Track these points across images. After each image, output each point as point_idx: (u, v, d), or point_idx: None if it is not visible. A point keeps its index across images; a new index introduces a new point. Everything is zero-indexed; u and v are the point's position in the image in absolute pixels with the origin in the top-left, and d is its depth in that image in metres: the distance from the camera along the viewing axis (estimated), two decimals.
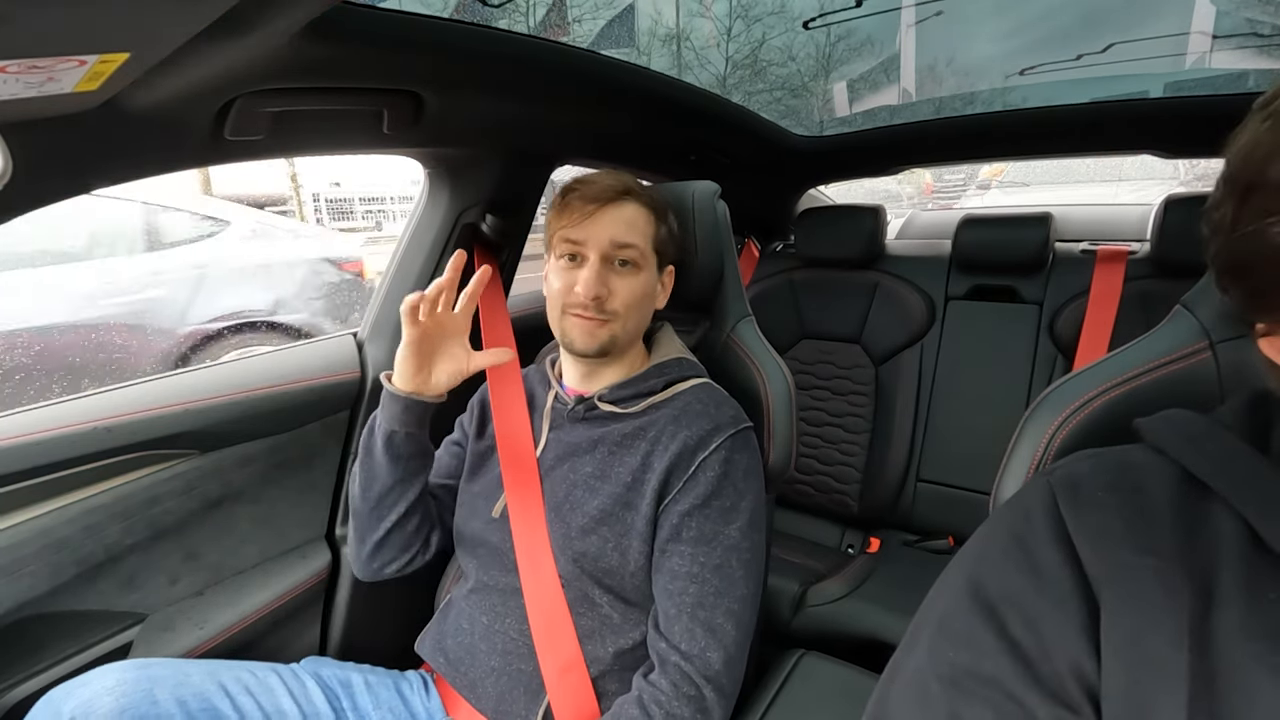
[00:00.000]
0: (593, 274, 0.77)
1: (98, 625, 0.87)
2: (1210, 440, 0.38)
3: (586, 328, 0.78)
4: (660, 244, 0.83)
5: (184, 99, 0.65)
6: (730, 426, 0.77)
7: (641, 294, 0.80)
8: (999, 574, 0.39)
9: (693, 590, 0.72)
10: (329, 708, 0.82)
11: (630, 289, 0.79)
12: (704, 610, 0.71)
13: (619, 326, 0.79)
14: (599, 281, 0.77)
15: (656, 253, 0.82)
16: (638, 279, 0.80)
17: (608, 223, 0.78)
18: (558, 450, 0.84)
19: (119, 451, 0.87)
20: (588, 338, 0.79)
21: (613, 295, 0.78)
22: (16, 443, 0.80)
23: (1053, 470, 0.42)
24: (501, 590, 0.82)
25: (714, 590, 0.72)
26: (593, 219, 0.78)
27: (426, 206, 1.14)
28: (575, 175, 0.85)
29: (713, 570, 0.72)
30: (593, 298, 0.76)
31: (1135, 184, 3.87)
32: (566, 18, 3.05)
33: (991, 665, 0.36)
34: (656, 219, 0.82)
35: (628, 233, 0.78)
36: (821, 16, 1.84)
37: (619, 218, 0.78)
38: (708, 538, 0.73)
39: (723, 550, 0.73)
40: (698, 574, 0.72)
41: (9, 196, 0.61)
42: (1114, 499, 0.38)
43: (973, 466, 1.51)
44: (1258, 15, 1.66)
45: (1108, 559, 0.36)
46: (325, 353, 1.12)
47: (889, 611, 1.28)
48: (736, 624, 0.72)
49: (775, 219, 1.99)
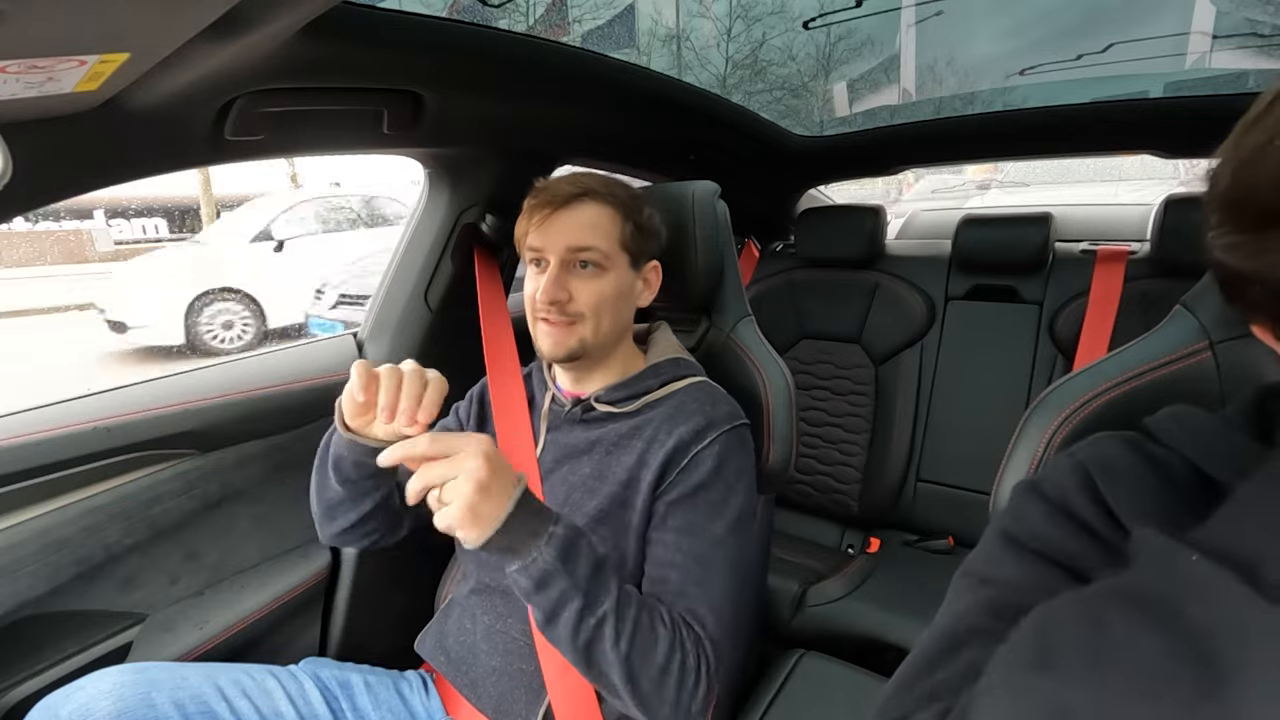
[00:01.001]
0: (549, 278, 0.77)
1: (97, 625, 0.87)
2: (1224, 441, 0.39)
3: (553, 334, 0.78)
4: (629, 241, 0.80)
5: (184, 99, 0.65)
6: (725, 423, 0.77)
7: (609, 294, 0.79)
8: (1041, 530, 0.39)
9: (674, 578, 0.71)
10: (327, 710, 0.82)
11: (593, 290, 0.78)
12: (685, 600, 0.70)
13: (588, 329, 0.78)
14: (556, 285, 0.77)
15: (626, 251, 0.80)
16: (602, 280, 0.79)
17: (564, 226, 0.77)
18: (555, 452, 0.84)
19: (119, 451, 0.87)
20: (554, 344, 0.78)
21: (574, 298, 0.77)
22: (16, 443, 0.80)
23: (1074, 451, 0.42)
24: (504, 591, 0.82)
25: (696, 580, 0.71)
26: (549, 222, 0.77)
27: (426, 206, 1.14)
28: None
29: (695, 559, 0.71)
30: (550, 301, 0.76)
31: (1135, 184, 3.87)
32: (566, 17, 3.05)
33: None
34: (623, 216, 0.80)
35: (586, 235, 0.77)
36: (821, 16, 1.84)
37: (576, 220, 0.78)
38: (692, 528, 0.73)
39: (707, 542, 0.72)
40: (679, 562, 0.71)
41: (9, 196, 0.61)
42: (1150, 482, 0.38)
43: (973, 466, 1.51)
44: (1258, 15, 1.67)
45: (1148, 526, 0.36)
46: (325, 353, 1.12)
47: (889, 611, 1.28)
48: (718, 620, 0.70)
49: (775, 219, 1.99)
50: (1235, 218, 0.31)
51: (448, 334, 1.18)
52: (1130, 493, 0.38)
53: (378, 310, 1.16)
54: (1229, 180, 0.31)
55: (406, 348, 1.15)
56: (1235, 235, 0.31)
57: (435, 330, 1.16)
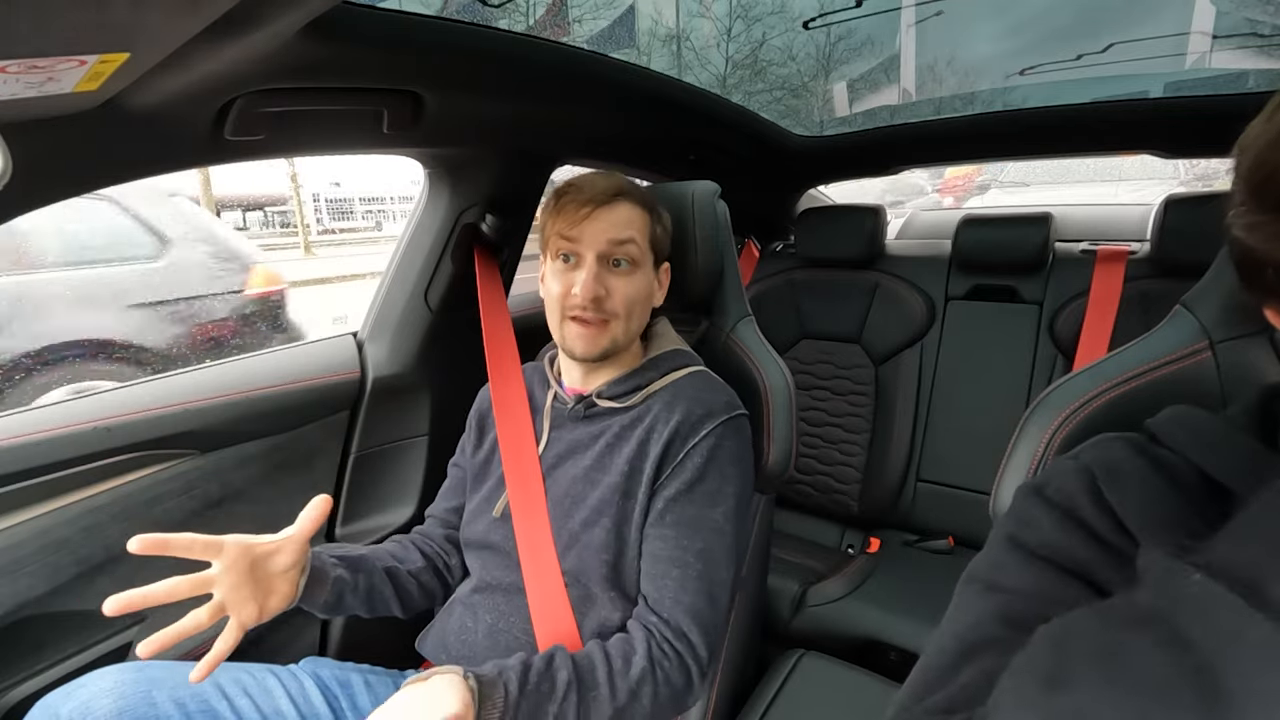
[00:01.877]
0: (590, 275, 0.77)
1: (97, 625, 0.87)
2: (1228, 443, 0.38)
3: (587, 334, 0.78)
4: (655, 242, 0.83)
5: (184, 99, 0.65)
6: (723, 412, 0.78)
7: (642, 293, 0.81)
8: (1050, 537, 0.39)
9: (675, 574, 0.73)
10: (327, 709, 0.82)
11: (628, 288, 0.79)
12: (686, 594, 0.72)
13: (620, 328, 0.79)
14: (597, 282, 0.77)
15: (653, 251, 0.83)
16: (635, 278, 0.80)
17: (604, 223, 0.78)
18: (559, 449, 0.84)
19: (119, 451, 0.87)
20: (589, 344, 0.79)
21: (611, 295, 0.78)
22: (16, 443, 0.80)
23: (1078, 453, 0.42)
24: (505, 589, 0.82)
25: (696, 574, 0.73)
26: (589, 219, 0.78)
27: (426, 206, 1.14)
28: (573, 175, 0.85)
29: (695, 554, 0.74)
30: (591, 299, 0.76)
31: (1135, 184, 3.87)
32: (566, 17, 3.05)
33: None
34: (651, 218, 0.83)
35: (625, 230, 0.79)
36: (821, 16, 1.84)
37: (615, 218, 0.79)
38: (691, 521, 0.74)
39: (706, 534, 0.74)
40: (679, 557, 0.73)
41: (9, 196, 0.61)
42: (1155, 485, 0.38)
43: (973, 466, 1.51)
44: (1258, 15, 1.67)
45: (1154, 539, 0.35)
46: (325, 353, 1.12)
47: (889, 611, 1.28)
48: (715, 608, 0.74)
49: (775, 219, 1.99)
50: (1258, 198, 0.31)
51: (448, 334, 1.18)
52: (1136, 498, 0.37)
53: (378, 310, 1.16)
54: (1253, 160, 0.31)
55: (406, 348, 1.15)
56: (1256, 215, 0.31)
57: (435, 330, 1.16)
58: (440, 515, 0.96)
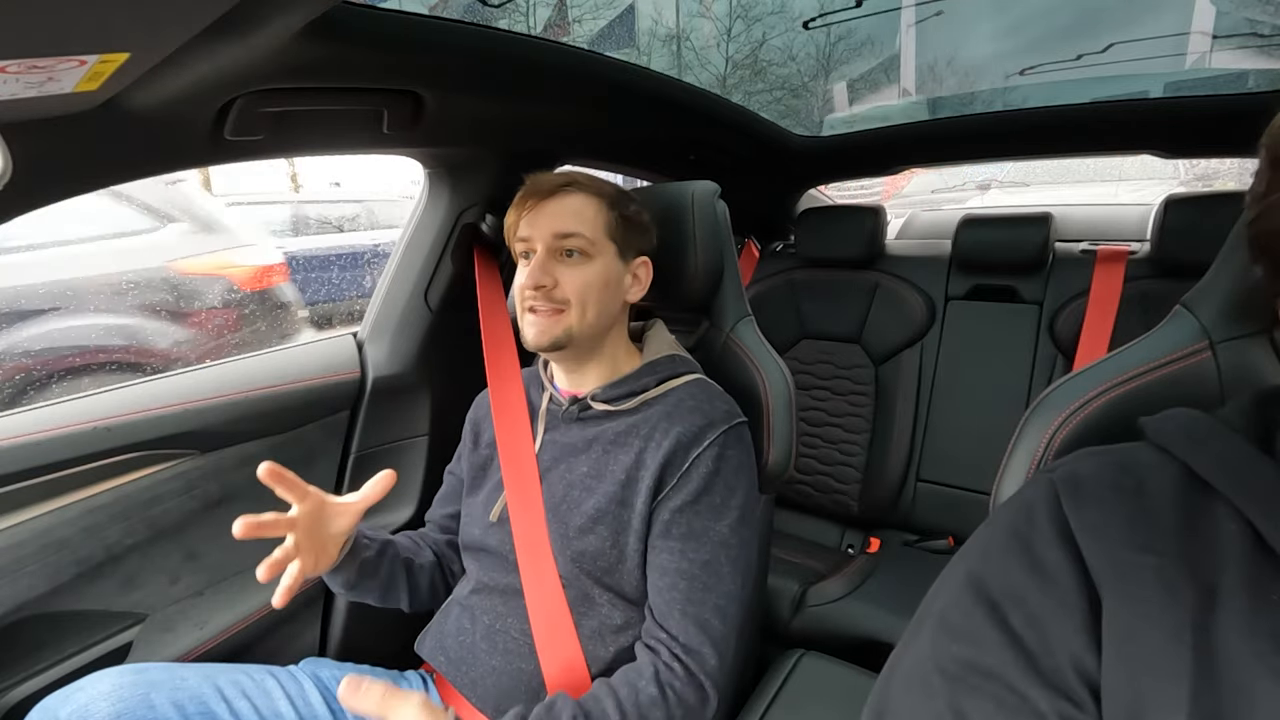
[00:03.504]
0: (535, 264, 0.79)
1: (97, 625, 0.87)
2: (1214, 440, 0.38)
3: (539, 323, 0.79)
4: (615, 231, 0.82)
5: (184, 99, 0.65)
6: (724, 422, 0.78)
7: (595, 282, 0.80)
8: (1001, 570, 0.39)
9: (682, 586, 0.73)
10: (327, 710, 0.82)
11: (579, 277, 0.79)
12: (694, 606, 0.72)
13: (574, 317, 0.79)
14: (542, 271, 0.78)
15: (613, 240, 0.82)
16: (588, 267, 0.80)
17: (550, 214, 0.79)
18: (554, 451, 0.84)
19: (119, 451, 0.87)
20: (539, 333, 0.79)
21: (560, 284, 0.79)
22: (16, 443, 0.80)
23: (1054, 468, 0.42)
24: (503, 591, 0.82)
25: (702, 586, 0.73)
26: (535, 212, 0.80)
27: (426, 206, 1.14)
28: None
29: (701, 566, 0.73)
30: (535, 286, 0.78)
31: (1135, 184, 3.86)
32: (567, 17, 3.05)
33: (993, 659, 0.36)
34: (608, 206, 0.82)
35: (570, 221, 0.79)
36: (821, 16, 1.84)
37: (561, 208, 0.80)
38: (697, 534, 0.74)
39: (712, 546, 0.74)
40: (686, 570, 0.73)
41: (9, 196, 0.61)
42: (1117, 497, 0.38)
43: (973, 466, 1.51)
44: (1258, 15, 1.67)
45: (1110, 556, 0.36)
46: (325, 353, 1.12)
47: (889, 611, 1.28)
48: (724, 619, 0.73)
49: (775, 219, 1.99)
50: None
51: (447, 334, 1.18)
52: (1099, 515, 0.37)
53: (378, 310, 1.16)
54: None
55: (406, 348, 1.15)
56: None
57: (435, 330, 1.16)
58: (438, 521, 0.97)
